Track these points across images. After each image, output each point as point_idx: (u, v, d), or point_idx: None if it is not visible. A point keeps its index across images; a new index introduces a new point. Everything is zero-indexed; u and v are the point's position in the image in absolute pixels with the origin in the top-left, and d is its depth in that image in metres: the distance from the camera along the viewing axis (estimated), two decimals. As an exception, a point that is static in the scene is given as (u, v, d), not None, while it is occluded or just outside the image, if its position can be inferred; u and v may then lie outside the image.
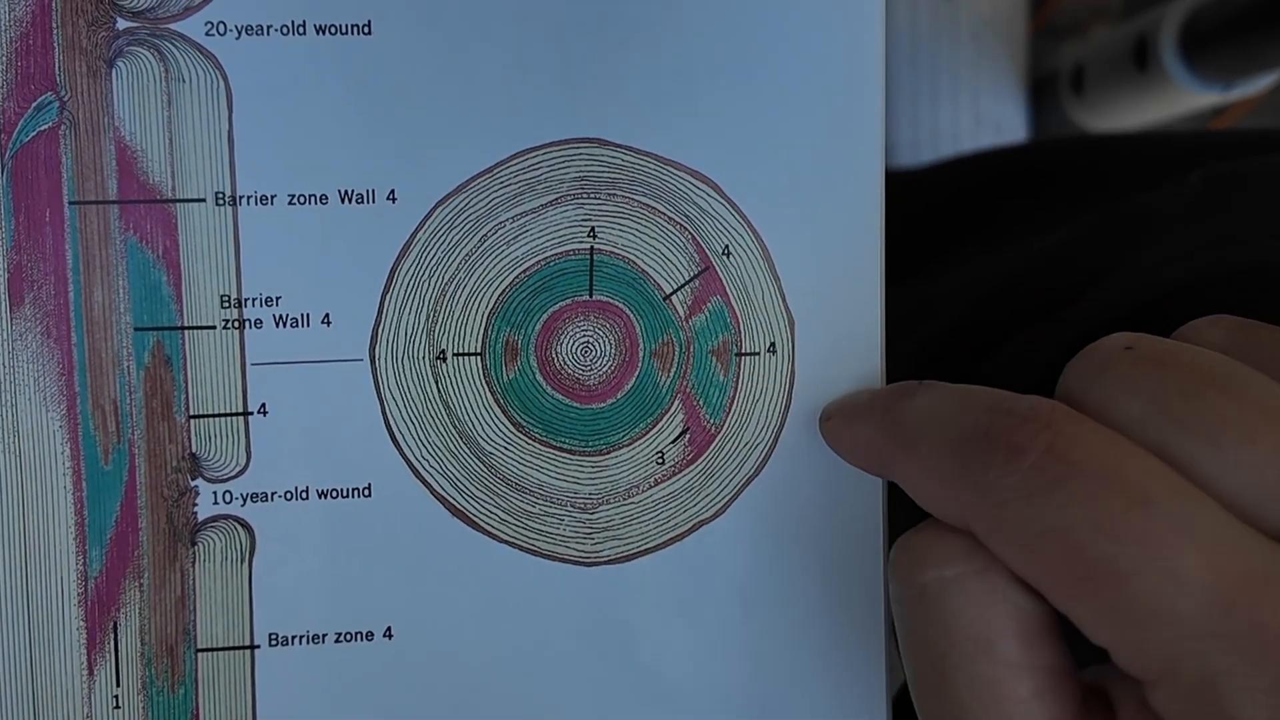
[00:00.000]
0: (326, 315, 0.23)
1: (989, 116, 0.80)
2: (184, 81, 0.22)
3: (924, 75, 0.78)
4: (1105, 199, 0.40)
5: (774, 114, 0.24)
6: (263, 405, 0.23)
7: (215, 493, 0.23)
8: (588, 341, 0.24)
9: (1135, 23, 0.79)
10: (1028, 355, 0.34)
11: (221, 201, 0.23)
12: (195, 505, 0.23)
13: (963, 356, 0.37)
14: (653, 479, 0.24)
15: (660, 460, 0.24)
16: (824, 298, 0.24)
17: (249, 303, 0.23)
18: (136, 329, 0.23)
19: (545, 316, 0.24)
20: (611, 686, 0.24)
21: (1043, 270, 0.37)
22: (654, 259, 0.24)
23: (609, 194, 0.24)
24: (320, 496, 0.24)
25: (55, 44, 0.22)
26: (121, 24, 0.22)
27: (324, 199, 0.23)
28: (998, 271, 0.39)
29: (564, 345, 0.24)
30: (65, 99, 0.22)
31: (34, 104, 0.22)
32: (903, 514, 0.26)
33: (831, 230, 0.24)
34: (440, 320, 0.24)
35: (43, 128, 0.22)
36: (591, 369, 0.24)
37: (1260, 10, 0.64)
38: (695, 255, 0.24)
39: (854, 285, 0.24)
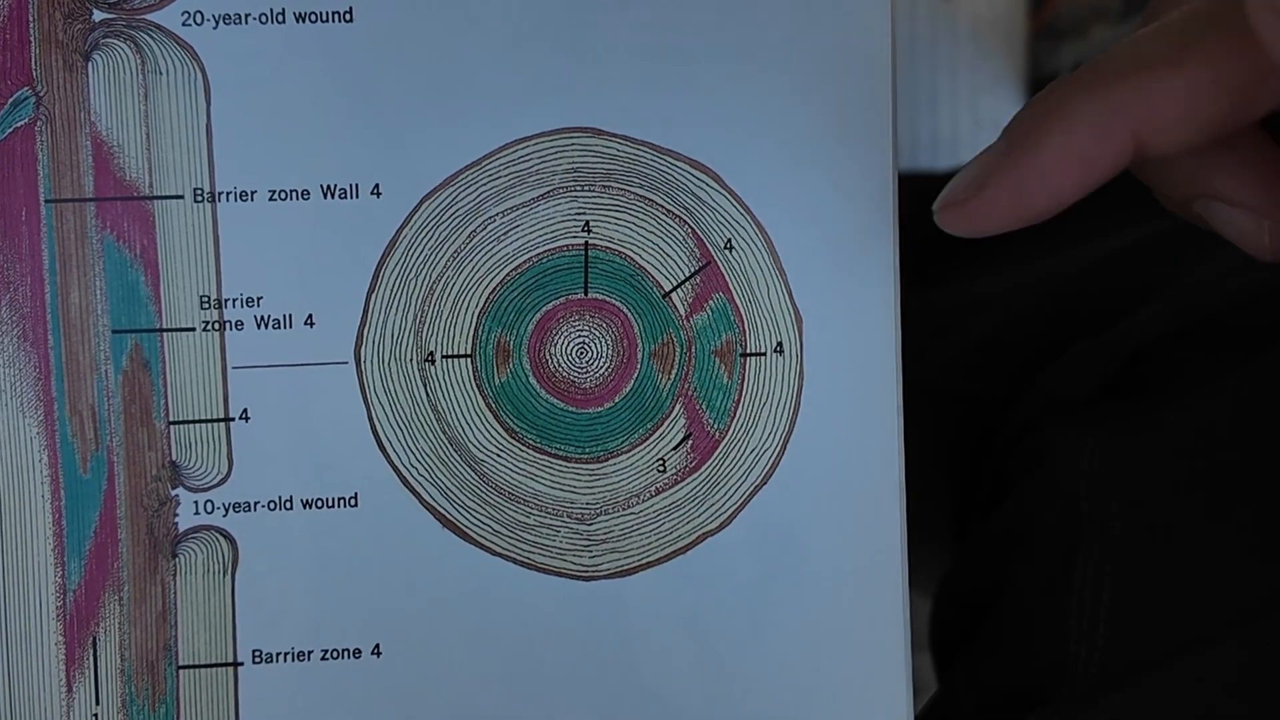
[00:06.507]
0: (310, 316, 0.22)
1: (989, 117, 0.79)
2: (161, 74, 0.22)
3: (923, 76, 0.77)
4: (1162, 208, 0.39)
5: (777, 98, 0.22)
6: (244, 411, 0.22)
7: (196, 502, 0.22)
8: (583, 342, 0.23)
9: (1135, 23, 0.77)
10: (1086, 366, 0.33)
11: (200, 198, 0.22)
12: (176, 515, 0.22)
13: (1018, 359, 0.36)
14: (654, 488, 0.23)
15: (661, 468, 0.23)
16: (834, 294, 0.23)
17: (229, 303, 0.22)
18: (114, 331, 0.22)
19: (538, 316, 0.23)
20: (611, 709, 0.23)
21: (1101, 278, 0.36)
22: (652, 254, 0.23)
23: (604, 186, 0.23)
24: (305, 506, 0.23)
25: (31, 38, 0.21)
26: (98, 16, 0.22)
27: (306, 194, 0.22)
28: (1052, 276, 0.38)
29: (558, 346, 0.23)
30: (41, 94, 0.22)
31: (10, 100, 0.22)
32: (921, 522, 0.25)
33: (841, 222, 0.23)
34: (428, 321, 0.23)
35: (19, 124, 0.22)
36: (587, 371, 0.23)
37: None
38: (696, 250, 0.23)
39: (866, 280, 0.23)
